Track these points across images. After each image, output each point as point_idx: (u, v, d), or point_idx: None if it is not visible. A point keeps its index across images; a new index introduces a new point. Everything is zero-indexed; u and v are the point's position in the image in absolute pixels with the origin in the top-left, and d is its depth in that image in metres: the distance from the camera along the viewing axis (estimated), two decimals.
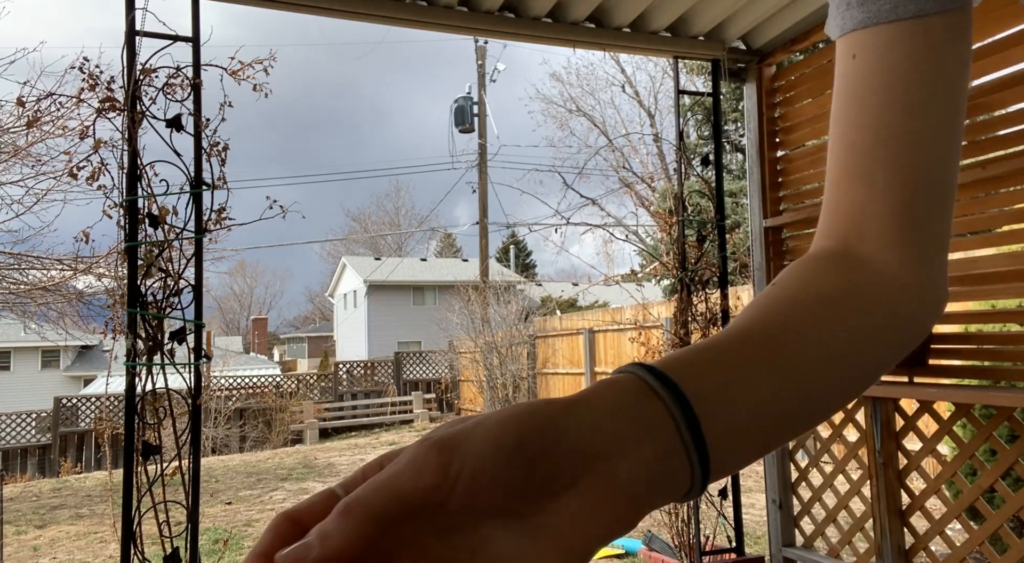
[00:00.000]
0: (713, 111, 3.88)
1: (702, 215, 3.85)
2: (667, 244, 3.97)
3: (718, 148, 3.85)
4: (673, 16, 3.41)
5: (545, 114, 29.85)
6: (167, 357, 2.60)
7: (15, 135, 8.49)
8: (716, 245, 3.74)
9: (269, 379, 16.03)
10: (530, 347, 13.15)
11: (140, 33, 2.61)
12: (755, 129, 3.72)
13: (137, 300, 2.57)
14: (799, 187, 3.60)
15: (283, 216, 3.20)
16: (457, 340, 15.66)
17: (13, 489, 8.90)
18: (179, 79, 2.65)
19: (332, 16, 3.10)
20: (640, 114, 22.25)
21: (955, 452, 3.18)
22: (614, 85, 22.12)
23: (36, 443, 13.23)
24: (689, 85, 16.05)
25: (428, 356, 17.86)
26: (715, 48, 3.61)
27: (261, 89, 2.97)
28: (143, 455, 2.54)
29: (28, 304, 9.80)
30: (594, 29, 3.41)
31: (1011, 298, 2.99)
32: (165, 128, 2.62)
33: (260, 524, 6.30)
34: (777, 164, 3.67)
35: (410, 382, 17.12)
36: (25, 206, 8.73)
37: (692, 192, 3.99)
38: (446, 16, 3.16)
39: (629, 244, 23.30)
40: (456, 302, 14.12)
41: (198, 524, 2.64)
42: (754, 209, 3.73)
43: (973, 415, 2.75)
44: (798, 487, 3.51)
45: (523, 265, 35.48)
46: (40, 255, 9.09)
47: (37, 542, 6.06)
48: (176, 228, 2.65)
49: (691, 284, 3.69)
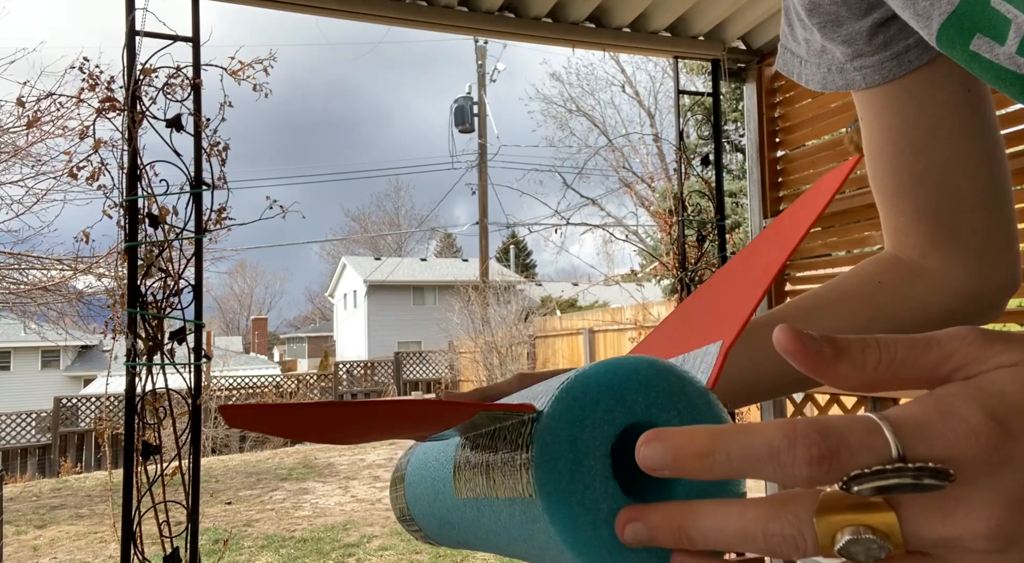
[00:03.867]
0: (713, 111, 3.88)
1: (702, 215, 3.85)
2: (667, 244, 3.97)
3: (718, 148, 3.85)
4: (673, 16, 3.41)
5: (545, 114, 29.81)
6: (167, 357, 2.60)
7: (15, 135, 8.50)
8: (716, 245, 3.74)
9: (269, 379, 16.03)
10: (530, 347, 13.16)
11: (140, 33, 2.61)
12: (755, 129, 3.72)
13: (137, 300, 2.57)
14: (799, 187, 3.60)
15: (283, 216, 3.20)
16: (457, 340, 15.67)
17: (13, 489, 8.90)
18: (179, 79, 2.65)
19: (332, 16, 3.10)
20: (640, 114, 22.25)
21: None
22: (614, 85, 22.12)
23: (36, 443, 13.23)
24: (689, 85, 16.05)
25: (428, 356, 17.86)
26: (715, 48, 3.62)
27: (261, 89, 2.97)
28: (143, 455, 2.54)
29: (28, 304, 9.81)
30: (594, 29, 3.41)
31: (1011, 298, 2.99)
32: (165, 128, 2.62)
33: (260, 524, 6.30)
34: (777, 164, 3.68)
35: (410, 382, 17.12)
36: (25, 206, 8.73)
37: (692, 192, 3.99)
38: (446, 16, 3.16)
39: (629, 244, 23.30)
40: (456, 302, 14.12)
41: (198, 524, 2.64)
42: (754, 209, 3.73)
43: None
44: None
45: (523, 265, 35.49)
46: (40, 255, 9.09)
47: (37, 542, 6.06)
48: (176, 228, 2.65)
49: (691, 284, 3.69)
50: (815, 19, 0.55)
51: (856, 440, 0.23)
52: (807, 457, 0.23)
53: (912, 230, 0.60)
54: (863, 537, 0.23)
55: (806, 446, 0.23)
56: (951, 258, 0.59)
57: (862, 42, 0.54)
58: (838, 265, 3.45)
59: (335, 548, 5.34)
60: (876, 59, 0.54)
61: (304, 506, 7.01)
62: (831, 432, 0.23)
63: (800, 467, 0.23)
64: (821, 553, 0.24)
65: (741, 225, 12.42)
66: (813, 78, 0.60)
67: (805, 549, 0.24)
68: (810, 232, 2.84)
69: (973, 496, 0.23)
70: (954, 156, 0.55)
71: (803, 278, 3.66)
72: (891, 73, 0.54)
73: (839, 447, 0.23)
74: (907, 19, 0.47)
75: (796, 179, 3.59)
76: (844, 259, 3.51)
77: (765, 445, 0.24)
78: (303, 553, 5.27)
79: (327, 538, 5.61)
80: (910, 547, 0.23)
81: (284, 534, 5.86)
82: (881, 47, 0.54)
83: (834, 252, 3.50)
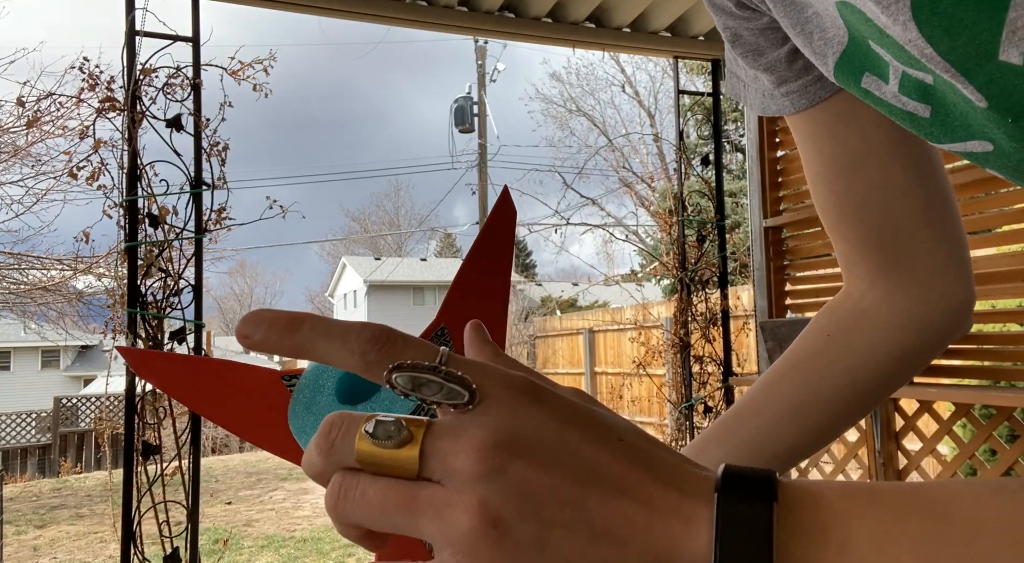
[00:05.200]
0: (713, 111, 3.88)
1: (702, 215, 3.85)
2: (667, 244, 3.97)
3: (718, 148, 3.85)
4: (673, 16, 3.41)
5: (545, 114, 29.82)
6: None
7: (15, 135, 8.50)
8: (716, 245, 3.74)
9: None
10: (530, 347, 13.16)
11: (140, 33, 2.61)
12: (755, 129, 3.72)
13: (137, 300, 2.57)
14: (799, 187, 3.60)
15: (283, 216, 3.20)
16: None
17: (13, 489, 8.89)
18: (179, 79, 2.65)
19: (332, 16, 3.10)
20: (640, 114, 22.25)
21: (955, 452, 3.18)
22: (614, 85, 22.13)
23: (36, 443, 13.22)
24: (689, 85, 16.05)
25: None
26: (715, 48, 3.62)
27: (261, 89, 2.97)
28: (143, 455, 2.54)
29: (28, 304, 9.81)
30: (594, 29, 3.41)
31: (1011, 298, 2.99)
32: (165, 128, 2.62)
33: (260, 524, 6.30)
34: (777, 164, 3.68)
35: None
36: (25, 206, 8.74)
37: (692, 192, 3.99)
38: (446, 16, 3.16)
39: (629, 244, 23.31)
40: None
41: (198, 524, 2.64)
42: (754, 209, 3.73)
43: (973, 415, 2.75)
44: None
45: (523, 265, 35.48)
46: (40, 255, 9.09)
47: (37, 542, 6.06)
48: (176, 228, 2.65)
49: (691, 284, 3.69)
50: (738, 50, 0.56)
51: (414, 344, 0.29)
52: (369, 335, 0.28)
53: (856, 258, 0.60)
54: (385, 421, 0.27)
55: (372, 330, 0.29)
56: (893, 288, 0.58)
57: (783, 68, 0.54)
58: (837, 265, 3.44)
59: (335, 548, 5.34)
60: (800, 84, 0.54)
61: (304, 506, 7.01)
62: (398, 334, 0.29)
63: (361, 343, 0.28)
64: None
65: (741, 225, 12.41)
66: (754, 102, 0.60)
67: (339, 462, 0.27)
68: (808, 233, 2.80)
69: (475, 429, 0.26)
70: (888, 176, 0.55)
71: (803, 278, 3.66)
72: (816, 96, 0.54)
73: (397, 340, 0.29)
74: (808, 57, 0.48)
75: (796, 179, 3.59)
76: None
77: (344, 325, 0.29)
78: (303, 553, 5.28)
79: (327, 538, 5.61)
80: (423, 472, 0.26)
81: (284, 534, 5.86)
82: (802, 71, 0.54)
83: (834, 252, 3.49)
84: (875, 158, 0.55)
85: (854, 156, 0.55)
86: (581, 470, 0.25)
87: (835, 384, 0.59)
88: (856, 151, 0.55)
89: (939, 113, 0.42)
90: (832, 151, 0.56)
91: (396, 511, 0.26)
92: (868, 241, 0.58)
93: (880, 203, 0.56)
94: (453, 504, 0.25)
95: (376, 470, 0.26)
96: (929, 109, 0.42)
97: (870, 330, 0.59)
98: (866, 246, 0.59)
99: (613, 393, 10.54)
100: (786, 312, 3.60)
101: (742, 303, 6.68)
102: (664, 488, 0.25)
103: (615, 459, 0.26)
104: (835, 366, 0.59)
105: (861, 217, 0.57)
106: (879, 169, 0.55)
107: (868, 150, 0.55)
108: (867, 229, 0.58)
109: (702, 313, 3.68)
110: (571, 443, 0.26)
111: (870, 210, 0.56)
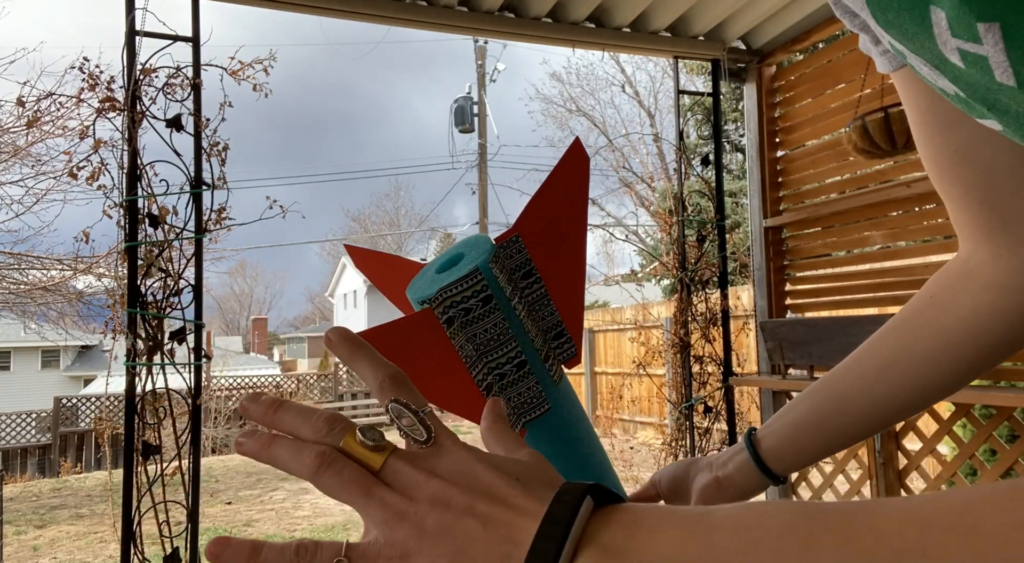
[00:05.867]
0: (713, 111, 3.88)
1: (702, 215, 3.85)
2: (667, 244, 3.97)
3: (718, 148, 3.85)
4: (673, 16, 3.41)
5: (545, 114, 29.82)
6: (167, 357, 2.60)
7: (15, 135, 8.50)
8: (716, 245, 3.74)
9: (269, 379, 16.03)
10: None
11: (140, 33, 2.61)
12: (755, 129, 3.72)
13: (137, 300, 2.57)
14: (799, 187, 3.60)
15: (283, 216, 3.20)
16: None
17: (13, 489, 8.89)
18: (179, 79, 2.65)
19: (332, 16, 3.10)
20: (640, 114, 22.24)
21: (955, 452, 3.18)
22: (614, 85, 22.12)
23: (36, 443, 13.23)
24: (689, 85, 16.04)
25: None
26: (715, 48, 3.61)
27: (261, 89, 2.97)
28: (143, 455, 2.54)
29: (28, 304, 9.81)
30: (594, 29, 3.41)
31: None
32: (165, 128, 2.62)
33: (260, 524, 6.30)
34: (777, 164, 3.68)
35: None
36: (25, 206, 8.74)
37: (692, 192, 3.99)
38: (446, 16, 3.16)
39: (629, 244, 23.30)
40: None
41: (198, 524, 2.64)
42: (754, 209, 3.73)
43: (973, 415, 2.75)
44: (798, 487, 3.51)
45: None
46: (40, 255, 9.09)
47: (37, 542, 6.06)
48: (176, 228, 2.65)
49: (691, 284, 3.69)
50: (838, 10, 0.56)
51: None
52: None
53: (963, 218, 0.59)
54: (374, 430, 0.38)
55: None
56: (1000, 248, 0.58)
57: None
58: (837, 265, 3.45)
59: None
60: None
61: (304, 506, 7.01)
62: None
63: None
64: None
65: (741, 225, 12.40)
66: (877, 62, 0.60)
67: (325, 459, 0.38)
68: (808, 233, 2.80)
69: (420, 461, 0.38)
70: (984, 132, 0.54)
71: (803, 278, 3.66)
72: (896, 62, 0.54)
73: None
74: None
75: (796, 179, 3.59)
76: (844, 259, 3.51)
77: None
78: None
79: (327, 538, 5.60)
80: (381, 474, 0.37)
81: (284, 534, 5.86)
82: None
83: (834, 252, 3.49)
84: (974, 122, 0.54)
85: (949, 112, 0.55)
86: (477, 488, 0.36)
87: (928, 346, 0.60)
88: (951, 107, 0.53)
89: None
90: (929, 107, 0.56)
91: (355, 489, 0.37)
92: (971, 197, 0.57)
93: (978, 158, 0.55)
94: (393, 502, 0.36)
95: (350, 457, 0.38)
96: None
97: (973, 290, 0.59)
98: (970, 203, 0.58)
99: (613, 393, 10.53)
100: (786, 312, 3.60)
101: (742, 303, 6.67)
102: (527, 499, 0.35)
103: (505, 485, 0.36)
104: (932, 326, 0.60)
105: (960, 172, 0.57)
106: (975, 124, 0.53)
107: (960, 115, 0.54)
108: (968, 185, 0.57)
109: (702, 313, 3.68)
110: (477, 473, 0.37)
111: (969, 165, 0.56)
